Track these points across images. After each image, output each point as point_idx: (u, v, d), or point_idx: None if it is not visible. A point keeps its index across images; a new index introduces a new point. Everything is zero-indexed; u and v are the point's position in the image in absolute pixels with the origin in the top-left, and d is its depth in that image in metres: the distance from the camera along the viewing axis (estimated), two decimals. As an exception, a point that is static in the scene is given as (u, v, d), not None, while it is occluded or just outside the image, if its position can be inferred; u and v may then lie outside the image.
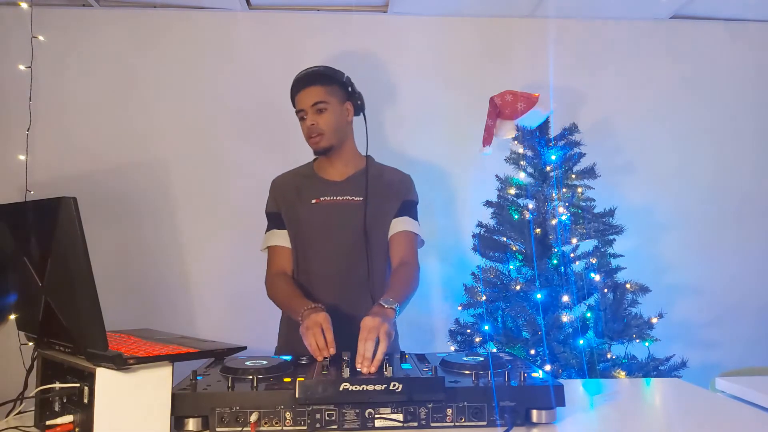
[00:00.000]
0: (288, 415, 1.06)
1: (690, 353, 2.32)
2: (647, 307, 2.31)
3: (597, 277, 2.27)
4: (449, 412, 1.08)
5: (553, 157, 2.37)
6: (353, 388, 1.06)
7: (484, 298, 2.32)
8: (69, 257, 1.00)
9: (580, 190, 2.37)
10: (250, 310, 2.42)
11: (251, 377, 1.09)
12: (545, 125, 2.42)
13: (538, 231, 2.31)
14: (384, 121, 2.76)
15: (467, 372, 1.19)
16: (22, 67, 2.50)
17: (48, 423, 1.04)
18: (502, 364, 1.26)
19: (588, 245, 2.36)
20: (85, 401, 1.00)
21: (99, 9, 2.69)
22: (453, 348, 2.42)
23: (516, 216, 2.38)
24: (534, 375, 1.17)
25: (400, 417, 1.07)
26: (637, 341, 2.25)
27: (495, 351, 2.02)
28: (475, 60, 2.82)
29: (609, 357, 2.22)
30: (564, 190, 2.34)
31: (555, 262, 2.29)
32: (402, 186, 1.79)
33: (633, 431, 1.17)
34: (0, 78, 2.61)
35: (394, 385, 1.06)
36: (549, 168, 2.37)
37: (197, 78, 2.72)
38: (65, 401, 1.07)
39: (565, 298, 2.21)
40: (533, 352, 2.20)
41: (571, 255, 2.30)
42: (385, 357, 1.25)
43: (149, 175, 2.69)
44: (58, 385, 1.06)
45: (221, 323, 2.68)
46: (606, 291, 2.27)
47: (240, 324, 2.59)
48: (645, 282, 2.30)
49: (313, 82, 1.69)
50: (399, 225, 1.73)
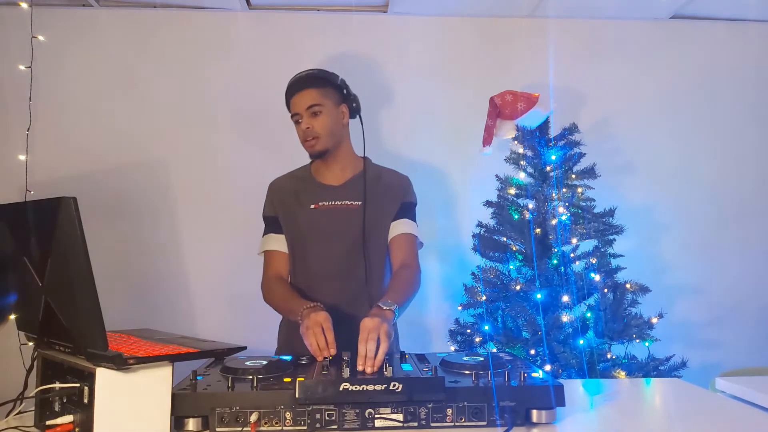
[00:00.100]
0: (288, 415, 1.06)
1: (690, 353, 2.32)
2: (647, 307, 2.31)
3: (597, 277, 2.27)
4: (449, 412, 1.08)
5: (553, 157, 2.37)
6: (353, 388, 1.06)
7: (484, 298, 2.32)
8: (69, 257, 1.00)
9: (580, 190, 2.37)
10: (250, 310, 2.40)
11: (251, 377, 1.09)
12: (545, 125, 2.42)
13: (538, 231, 2.31)
14: (384, 121, 2.76)
15: (467, 372, 1.20)
16: (22, 67, 2.50)
17: (48, 423, 1.04)
18: (502, 364, 1.26)
19: (588, 245, 2.36)
20: (85, 401, 1.00)
21: (99, 9, 2.69)
22: (453, 348, 2.42)
23: (516, 216, 2.38)
24: (534, 375, 1.18)
25: (400, 417, 1.07)
26: (637, 341, 2.25)
27: (495, 351, 2.02)
28: (475, 60, 2.82)
29: (609, 357, 2.22)
30: (564, 190, 2.34)
31: (555, 262, 2.29)
32: (400, 188, 1.78)
33: (633, 431, 1.16)
34: (0, 78, 2.61)
35: (394, 385, 1.07)
36: (549, 168, 2.37)
37: (197, 78, 2.72)
38: (65, 401, 1.07)
39: (565, 298, 2.22)
40: (533, 352, 2.20)
41: (571, 255, 2.30)
42: (385, 357, 1.25)
43: (149, 175, 2.68)
44: (58, 385, 1.06)
45: (221, 323, 2.67)
46: (606, 291, 2.27)
47: (240, 324, 2.58)
48: (645, 282, 2.30)
49: (307, 85, 1.68)
50: (398, 227, 1.73)
